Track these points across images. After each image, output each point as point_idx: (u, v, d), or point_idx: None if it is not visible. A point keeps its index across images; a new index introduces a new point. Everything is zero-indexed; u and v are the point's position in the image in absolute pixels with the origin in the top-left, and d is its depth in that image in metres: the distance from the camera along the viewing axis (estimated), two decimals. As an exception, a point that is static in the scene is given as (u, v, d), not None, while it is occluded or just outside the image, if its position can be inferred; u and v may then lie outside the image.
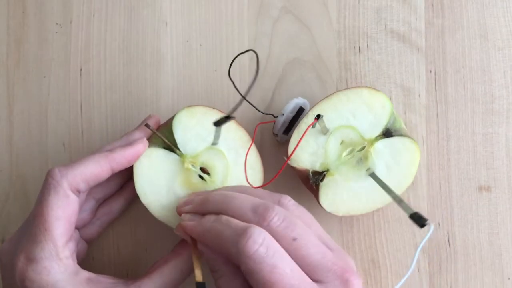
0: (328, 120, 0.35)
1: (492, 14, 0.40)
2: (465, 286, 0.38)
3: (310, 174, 0.35)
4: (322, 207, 0.35)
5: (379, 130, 0.35)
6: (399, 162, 0.35)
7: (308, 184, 0.36)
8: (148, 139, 0.36)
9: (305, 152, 0.35)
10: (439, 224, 0.38)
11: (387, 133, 0.35)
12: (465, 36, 0.40)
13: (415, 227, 0.38)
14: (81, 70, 0.40)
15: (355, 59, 0.40)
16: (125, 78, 0.40)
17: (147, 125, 0.35)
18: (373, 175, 0.34)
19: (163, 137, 0.35)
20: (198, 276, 0.29)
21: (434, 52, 0.39)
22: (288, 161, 0.35)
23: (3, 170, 0.40)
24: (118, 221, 0.39)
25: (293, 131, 0.37)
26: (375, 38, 0.40)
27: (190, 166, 0.35)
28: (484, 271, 0.38)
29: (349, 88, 0.35)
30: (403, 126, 0.36)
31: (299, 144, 0.35)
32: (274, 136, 0.37)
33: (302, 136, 0.33)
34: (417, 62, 0.39)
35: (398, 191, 0.35)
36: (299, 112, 0.37)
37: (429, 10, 0.40)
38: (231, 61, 0.40)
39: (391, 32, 0.40)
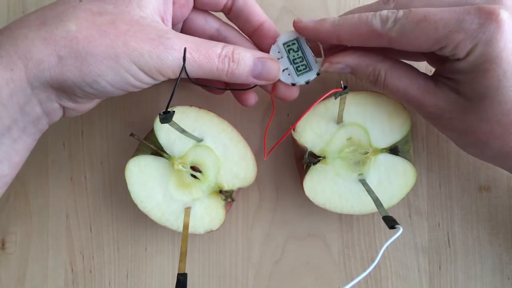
0: (347, 112, 0.35)
1: (492, 14, 0.39)
2: (465, 286, 0.38)
3: (307, 153, 0.35)
4: (302, 188, 0.35)
5: (388, 144, 0.35)
6: (392, 182, 0.35)
7: (300, 162, 0.36)
8: (136, 148, 0.36)
9: (312, 130, 0.35)
10: (439, 224, 0.38)
11: (393, 150, 0.35)
12: (465, 36, 0.39)
13: (415, 227, 0.38)
14: (81, 70, 0.40)
15: (355, 59, 0.40)
16: (125, 78, 0.40)
17: (132, 134, 0.34)
18: (363, 182, 0.34)
19: (149, 143, 0.35)
20: (182, 268, 0.29)
21: (434, 52, 0.39)
22: (292, 131, 0.35)
23: (3, 170, 0.40)
24: (118, 221, 0.39)
25: (310, 66, 0.33)
26: (375, 38, 0.40)
27: (180, 167, 0.35)
28: (484, 271, 0.38)
29: (380, 93, 0.35)
30: (411, 152, 0.36)
31: (310, 122, 0.35)
32: (292, 86, 0.34)
33: (319, 101, 0.31)
34: (417, 62, 0.39)
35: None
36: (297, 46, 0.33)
37: (429, 10, 0.40)
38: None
39: (391, 32, 0.40)
